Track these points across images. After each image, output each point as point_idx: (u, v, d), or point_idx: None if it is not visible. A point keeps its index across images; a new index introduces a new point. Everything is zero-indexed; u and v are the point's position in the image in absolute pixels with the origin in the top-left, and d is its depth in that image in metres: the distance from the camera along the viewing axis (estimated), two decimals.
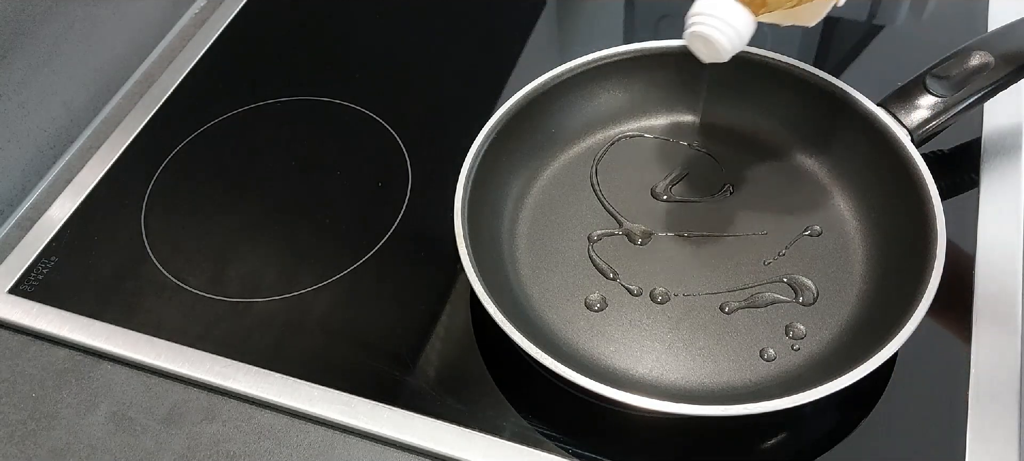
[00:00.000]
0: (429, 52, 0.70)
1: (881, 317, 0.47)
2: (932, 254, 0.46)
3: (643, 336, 0.50)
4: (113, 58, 0.70)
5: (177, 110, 0.67)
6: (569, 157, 0.59)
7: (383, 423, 0.48)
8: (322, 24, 0.74)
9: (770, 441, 0.46)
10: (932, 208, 0.48)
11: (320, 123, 0.65)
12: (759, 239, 0.54)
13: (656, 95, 0.59)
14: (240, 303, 0.54)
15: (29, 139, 0.63)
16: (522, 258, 0.54)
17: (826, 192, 0.55)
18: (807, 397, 0.41)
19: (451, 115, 0.65)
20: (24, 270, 0.57)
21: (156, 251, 0.58)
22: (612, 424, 0.47)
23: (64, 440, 0.49)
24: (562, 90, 0.57)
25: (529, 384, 0.48)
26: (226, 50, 0.72)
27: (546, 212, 0.56)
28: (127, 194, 0.61)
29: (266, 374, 0.50)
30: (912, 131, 0.52)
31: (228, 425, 0.49)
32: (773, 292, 0.51)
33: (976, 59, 0.53)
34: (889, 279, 0.49)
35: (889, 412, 0.46)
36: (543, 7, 0.73)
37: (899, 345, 0.43)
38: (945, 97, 0.53)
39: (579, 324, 0.50)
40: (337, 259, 0.56)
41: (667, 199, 0.56)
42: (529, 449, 0.46)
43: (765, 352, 0.48)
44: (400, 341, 0.52)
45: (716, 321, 0.50)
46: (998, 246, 0.52)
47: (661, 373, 0.48)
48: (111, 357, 0.52)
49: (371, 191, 0.60)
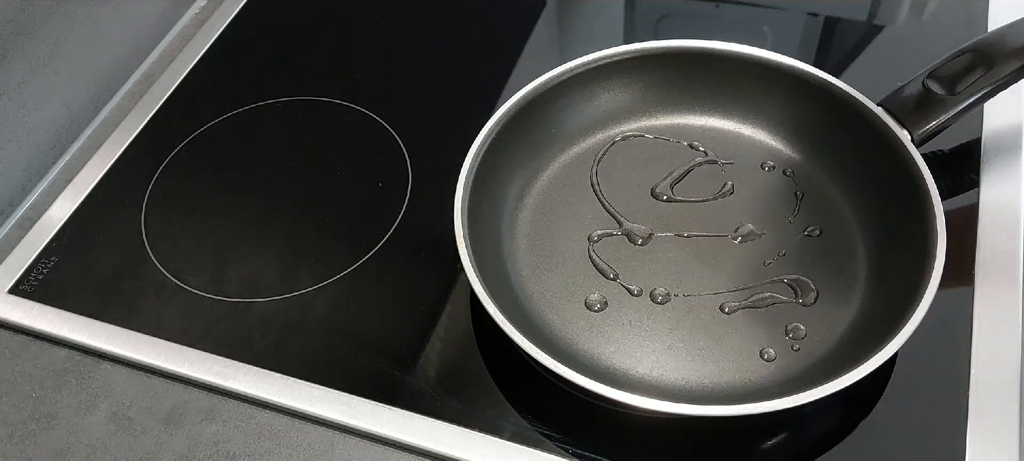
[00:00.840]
0: (429, 52, 0.70)
1: (881, 317, 0.47)
2: (932, 254, 0.46)
3: (643, 336, 0.50)
4: (113, 58, 0.70)
5: (177, 110, 0.67)
6: (569, 157, 0.59)
7: (383, 423, 0.48)
8: (322, 24, 0.74)
9: (770, 441, 0.46)
10: (932, 208, 0.48)
11: (320, 123, 0.65)
12: (759, 239, 0.54)
13: (656, 95, 0.59)
14: (240, 303, 0.54)
15: (29, 139, 0.63)
16: (522, 258, 0.54)
17: (826, 192, 0.55)
18: (807, 397, 0.41)
19: (451, 115, 0.65)
20: (24, 270, 0.57)
21: (156, 251, 0.58)
22: (612, 424, 0.47)
23: (64, 440, 0.49)
24: (562, 90, 0.57)
25: (529, 384, 0.48)
26: (226, 50, 0.72)
27: (546, 212, 0.56)
28: (127, 194, 0.61)
29: (266, 374, 0.50)
30: (912, 131, 0.52)
31: (228, 425, 0.49)
32: (773, 292, 0.51)
33: (976, 59, 0.53)
34: (889, 279, 0.49)
35: (889, 412, 0.46)
36: (543, 7, 0.73)
37: (899, 345, 0.43)
38: (945, 97, 0.52)
39: (579, 324, 0.50)
40: (337, 259, 0.56)
41: (667, 199, 0.56)
42: (529, 449, 0.46)
43: (765, 352, 0.48)
44: (400, 341, 0.52)
45: (716, 321, 0.50)
46: (998, 246, 0.52)
47: (661, 373, 0.48)
48: (111, 357, 0.52)
49: (371, 191, 0.60)
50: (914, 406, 0.47)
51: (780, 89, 0.57)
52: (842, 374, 0.42)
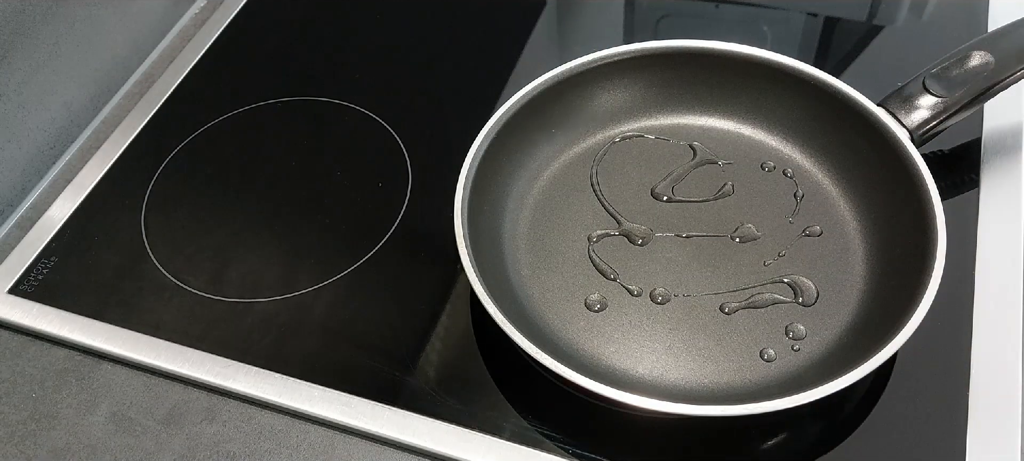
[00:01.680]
0: (429, 52, 0.70)
1: (881, 317, 0.47)
2: (932, 254, 0.46)
3: (643, 336, 0.50)
4: (113, 58, 0.70)
5: (177, 110, 0.67)
6: (569, 157, 0.59)
7: (383, 423, 0.48)
8: (322, 24, 0.74)
9: (770, 441, 0.46)
10: (932, 208, 0.48)
11: (320, 123, 0.65)
12: (759, 239, 0.54)
13: (656, 95, 0.59)
14: (240, 303, 0.54)
15: (29, 139, 0.63)
16: (522, 258, 0.54)
17: (826, 192, 0.55)
18: (807, 397, 0.41)
19: (451, 115, 0.65)
20: (24, 270, 0.57)
21: (156, 251, 0.58)
22: (612, 424, 0.47)
23: (64, 440, 0.49)
24: (562, 90, 0.57)
25: (529, 384, 0.48)
26: (226, 50, 0.72)
27: (546, 212, 0.56)
28: (127, 194, 0.61)
29: (266, 374, 0.50)
30: (912, 131, 0.52)
31: (228, 425, 0.49)
32: (773, 292, 0.51)
33: (976, 59, 0.53)
34: (889, 279, 0.49)
35: (889, 412, 0.46)
36: (543, 7, 0.73)
37: (899, 345, 0.43)
38: (945, 97, 0.53)
39: (579, 324, 0.50)
40: (337, 259, 0.56)
41: (667, 199, 0.56)
42: (529, 449, 0.46)
43: (765, 352, 0.48)
44: (400, 341, 0.52)
45: (716, 321, 0.50)
46: (998, 246, 0.52)
47: (661, 373, 0.48)
48: (111, 357, 0.52)
49: (371, 191, 0.60)
50: (914, 406, 0.47)
51: (780, 89, 0.57)
52: (842, 374, 0.42)
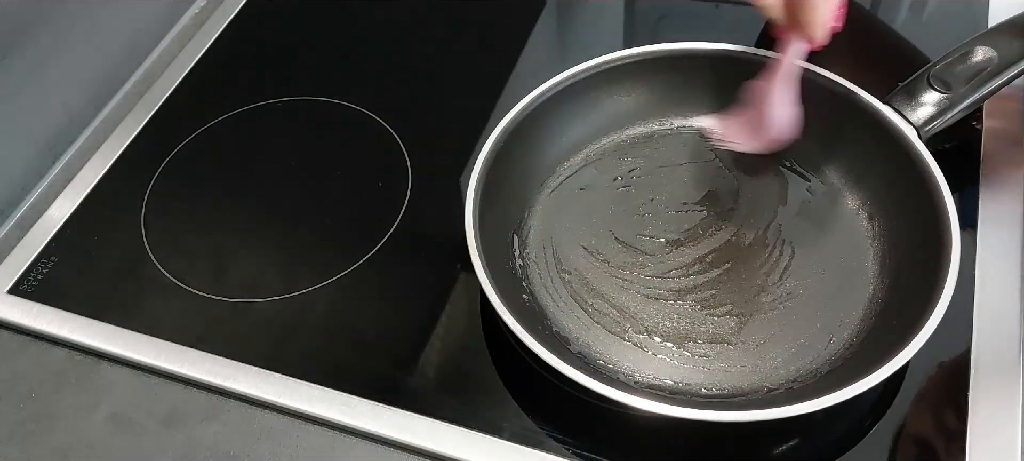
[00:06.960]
0: (429, 52, 0.70)
1: (895, 318, 0.46)
2: (947, 249, 0.45)
3: (649, 339, 0.50)
4: (113, 58, 0.70)
5: (177, 110, 0.67)
6: (574, 162, 0.58)
7: (383, 423, 0.48)
8: (322, 24, 0.74)
9: (776, 448, 0.46)
10: (944, 203, 0.47)
11: (320, 123, 0.65)
12: (761, 239, 0.53)
13: (660, 97, 0.59)
14: (240, 303, 0.54)
15: (29, 139, 0.63)
16: (530, 262, 0.54)
17: (835, 193, 0.55)
18: (816, 404, 0.41)
19: (451, 115, 0.65)
20: (24, 270, 0.57)
21: (156, 251, 0.58)
22: (612, 425, 0.47)
23: (64, 440, 0.49)
24: (567, 95, 0.57)
25: (530, 385, 0.48)
26: (226, 50, 0.72)
27: (553, 216, 0.56)
28: (127, 194, 0.61)
29: (266, 374, 0.50)
30: (919, 128, 0.52)
31: (228, 426, 0.49)
32: (778, 293, 0.51)
33: (979, 55, 0.53)
34: (902, 278, 0.49)
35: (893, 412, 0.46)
36: (543, 7, 0.72)
37: (916, 349, 0.42)
38: (950, 93, 0.52)
39: (585, 326, 0.50)
40: (337, 259, 0.56)
41: (675, 201, 0.56)
42: (529, 449, 0.46)
43: (771, 354, 0.48)
44: (400, 341, 0.52)
45: (721, 323, 0.50)
46: (998, 246, 0.52)
47: (666, 375, 0.48)
48: (111, 357, 0.52)
49: (371, 191, 0.60)
50: (913, 406, 0.46)
51: None
52: (852, 382, 0.41)
